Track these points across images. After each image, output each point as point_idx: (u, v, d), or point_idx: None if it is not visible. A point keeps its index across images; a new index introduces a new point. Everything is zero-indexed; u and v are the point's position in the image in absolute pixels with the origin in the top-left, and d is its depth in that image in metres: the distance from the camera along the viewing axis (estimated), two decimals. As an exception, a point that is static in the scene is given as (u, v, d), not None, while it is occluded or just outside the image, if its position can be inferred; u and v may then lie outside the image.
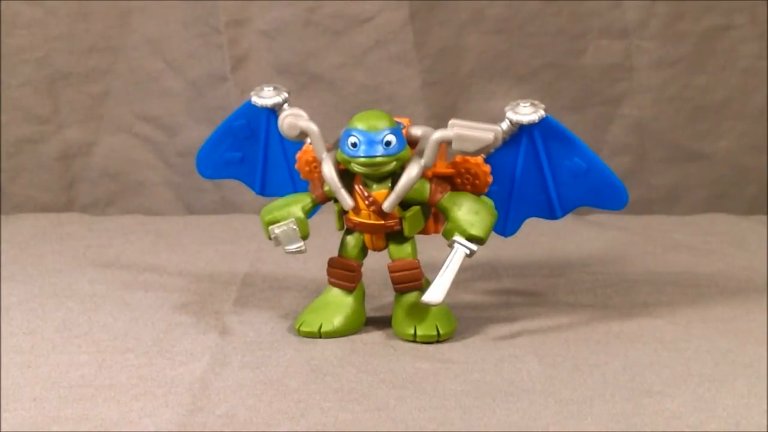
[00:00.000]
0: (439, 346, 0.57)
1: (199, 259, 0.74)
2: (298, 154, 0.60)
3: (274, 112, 0.60)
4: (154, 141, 0.88)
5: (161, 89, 0.87)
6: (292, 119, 0.58)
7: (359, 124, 0.56)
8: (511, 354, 0.55)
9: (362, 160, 0.56)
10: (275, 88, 0.61)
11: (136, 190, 0.88)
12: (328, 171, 0.57)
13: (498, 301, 0.65)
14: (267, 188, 0.64)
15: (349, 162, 0.56)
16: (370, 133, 0.56)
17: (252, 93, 0.61)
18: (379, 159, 0.56)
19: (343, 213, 0.59)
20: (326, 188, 0.58)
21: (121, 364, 0.55)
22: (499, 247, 0.68)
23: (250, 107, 0.61)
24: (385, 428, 0.47)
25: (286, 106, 0.60)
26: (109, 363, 0.55)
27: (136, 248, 0.77)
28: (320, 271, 0.60)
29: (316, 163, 0.59)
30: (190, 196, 0.88)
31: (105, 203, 0.89)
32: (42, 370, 0.54)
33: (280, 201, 0.59)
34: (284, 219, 0.58)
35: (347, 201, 0.57)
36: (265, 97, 0.60)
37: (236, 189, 0.82)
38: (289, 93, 0.61)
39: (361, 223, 0.58)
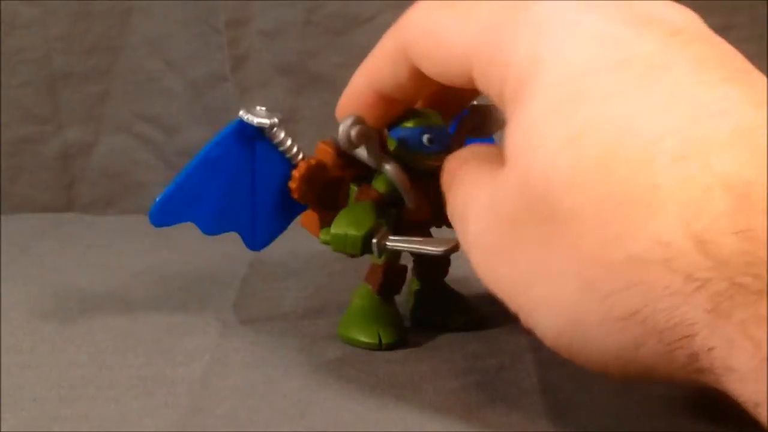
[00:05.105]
0: (439, 346, 0.57)
1: (199, 259, 0.74)
2: (300, 172, 0.55)
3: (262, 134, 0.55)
4: (154, 141, 0.88)
5: (161, 89, 0.87)
6: (359, 127, 0.53)
7: (430, 121, 0.55)
8: (510, 354, 0.55)
9: (441, 154, 0.53)
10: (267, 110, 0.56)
11: (136, 190, 0.88)
12: (399, 174, 0.55)
13: (498, 301, 0.65)
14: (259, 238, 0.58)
15: (423, 159, 0.55)
16: (441, 128, 0.55)
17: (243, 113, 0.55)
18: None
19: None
20: (382, 191, 0.56)
21: (121, 364, 0.55)
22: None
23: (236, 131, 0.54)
24: (385, 428, 0.47)
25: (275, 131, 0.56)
26: (109, 363, 0.55)
27: (136, 248, 0.77)
28: (320, 271, 0.60)
29: (327, 179, 0.56)
30: (190, 196, 0.88)
31: (105, 203, 0.89)
32: (42, 370, 0.54)
33: (342, 221, 0.54)
34: (373, 225, 0.54)
35: (414, 201, 0.56)
36: (260, 115, 0.55)
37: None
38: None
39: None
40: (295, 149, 0.56)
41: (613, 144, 0.36)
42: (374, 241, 0.54)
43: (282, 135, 0.56)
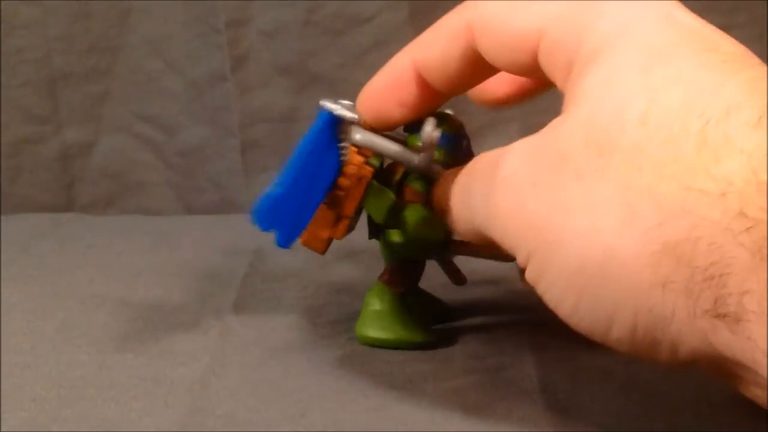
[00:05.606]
0: (439, 346, 0.57)
1: (199, 259, 0.74)
2: (352, 169, 0.53)
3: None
4: (154, 141, 0.88)
5: (161, 89, 0.87)
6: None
7: (455, 127, 0.55)
8: (510, 354, 0.55)
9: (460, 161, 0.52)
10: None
11: (136, 190, 0.88)
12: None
13: (497, 300, 0.65)
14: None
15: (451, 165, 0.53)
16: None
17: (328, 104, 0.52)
18: None
19: None
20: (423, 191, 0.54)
21: (121, 364, 0.55)
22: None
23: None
24: (385, 428, 0.47)
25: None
26: (109, 363, 0.55)
27: (136, 248, 0.77)
28: (320, 271, 0.60)
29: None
30: (190, 196, 0.88)
31: (105, 203, 0.89)
32: (42, 370, 0.54)
33: (420, 225, 0.52)
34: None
35: None
36: (350, 109, 0.52)
37: (236, 189, 0.82)
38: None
39: None
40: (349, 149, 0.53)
41: (693, 98, 0.39)
42: (450, 247, 0.54)
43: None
